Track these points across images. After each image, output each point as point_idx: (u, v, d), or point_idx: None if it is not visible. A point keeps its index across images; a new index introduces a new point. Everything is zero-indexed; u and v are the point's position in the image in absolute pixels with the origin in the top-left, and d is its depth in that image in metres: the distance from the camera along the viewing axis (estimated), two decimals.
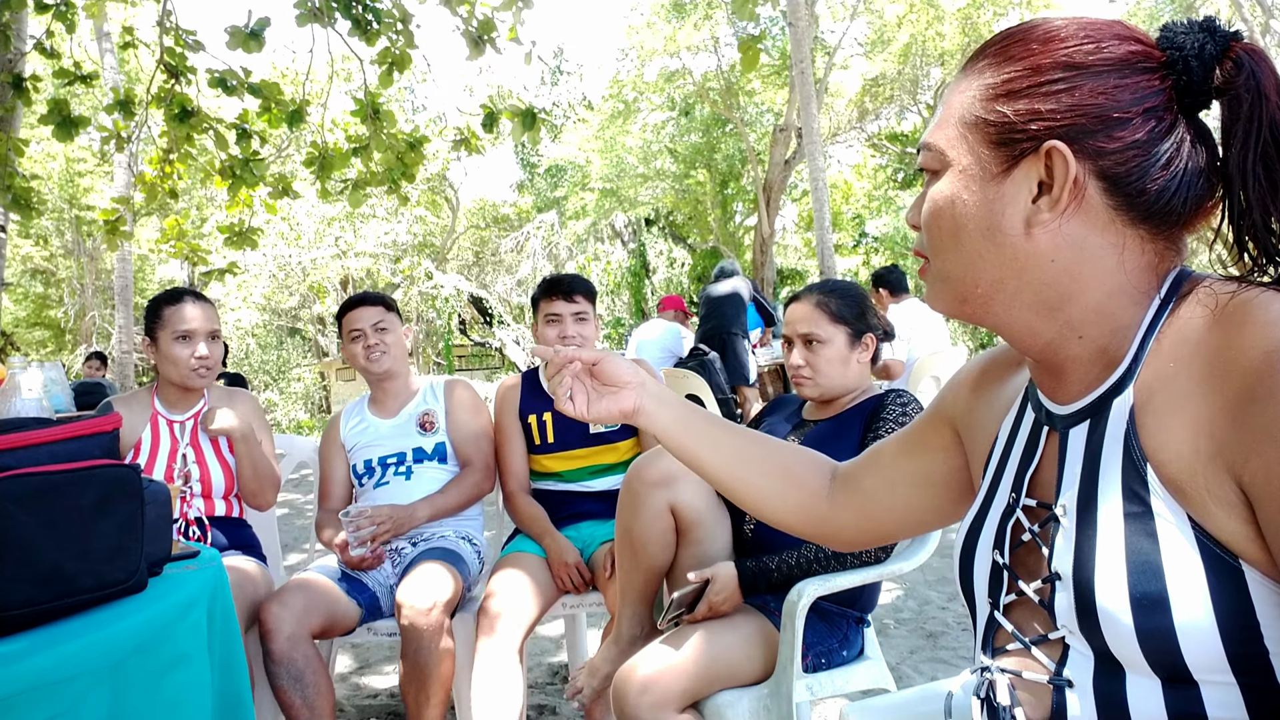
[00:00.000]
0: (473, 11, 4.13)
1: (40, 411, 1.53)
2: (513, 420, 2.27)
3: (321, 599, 1.88)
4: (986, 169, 0.65)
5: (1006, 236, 0.64)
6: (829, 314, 1.70)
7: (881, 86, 18.76)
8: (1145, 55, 0.61)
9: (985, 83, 0.65)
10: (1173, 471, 0.58)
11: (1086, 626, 0.61)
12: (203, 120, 4.20)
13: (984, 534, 0.73)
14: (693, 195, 19.56)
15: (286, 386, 19.49)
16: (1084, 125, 0.61)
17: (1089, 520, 0.62)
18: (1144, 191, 0.61)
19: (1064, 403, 0.68)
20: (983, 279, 0.67)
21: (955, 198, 0.66)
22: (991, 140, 0.64)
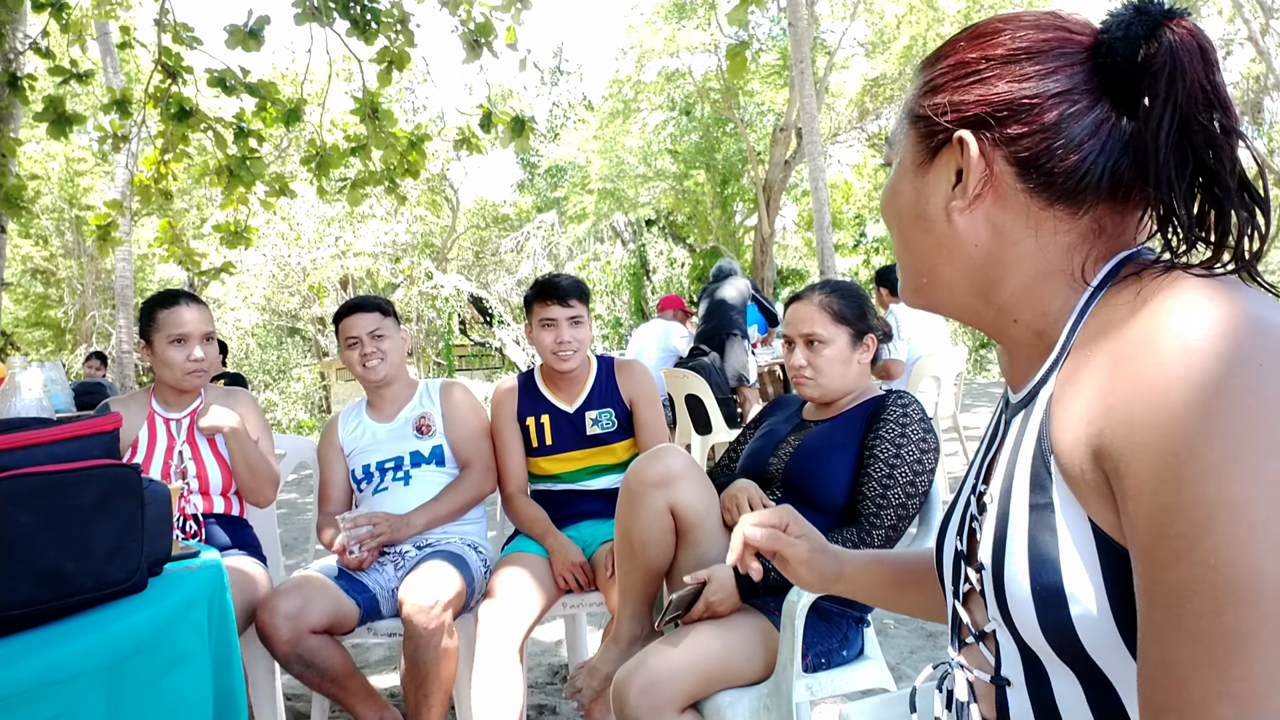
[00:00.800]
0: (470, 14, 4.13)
1: (40, 411, 1.53)
2: (510, 423, 2.28)
3: (319, 597, 1.89)
4: (915, 160, 0.68)
5: (932, 223, 0.67)
6: (831, 314, 1.70)
7: (881, 87, 18.76)
8: (1064, 41, 0.62)
9: (922, 79, 0.69)
10: (1064, 462, 0.58)
11: (1005, 617, 0.62)
12: (201, 120, 4.19)
13: (953, 520, 0.74)
14: (693, 195, 19.56)
15: (286, 386, 19.49)
16: (991, 113, 0.62)
17: (1005, 510, 0.63)
18: (1054, 173, 0.61)
19: (1015, 391, 0.69)
20: (922, 265, 0.70)
21: (895, 189, 0.71)
22: (920, 133, 0.68)
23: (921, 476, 1.56)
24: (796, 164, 15.09)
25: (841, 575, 0.97)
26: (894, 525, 1.54)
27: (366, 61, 4.29)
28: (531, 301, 2.24)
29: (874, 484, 1.55)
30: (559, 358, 2.18)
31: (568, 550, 2.05)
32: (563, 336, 2.17)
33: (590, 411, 2.24)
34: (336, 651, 1.89)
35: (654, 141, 18.32)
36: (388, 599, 2.08)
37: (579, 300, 2.20)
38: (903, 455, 1.55)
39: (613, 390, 2.27)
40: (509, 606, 1.89)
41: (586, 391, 2.27)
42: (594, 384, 2.28)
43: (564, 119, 23.92)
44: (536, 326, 2.21)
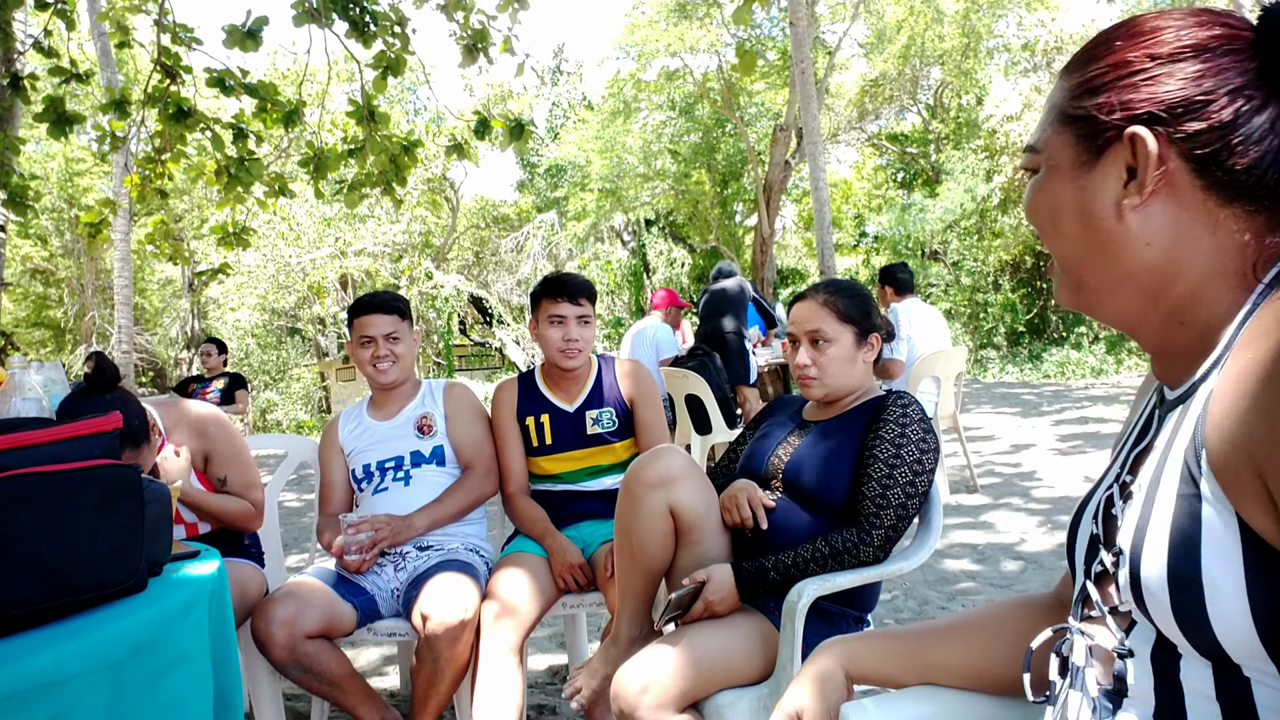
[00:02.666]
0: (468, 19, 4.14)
1: (40, 411, 1.53)
2: (510, 423, 2.28)
3: (314, 602, 1.88)
4: (1076, 161, 0.68)
5: (1100, 221, 0.67)
6: (836, 313, 1.69)
7: (881, 87, 18.76)
8: (1230, 37, 0.62)
9: (1073, 83, 0.69)
10: (1218, 460, 0.58)
11: (1138, 600, 0.62)
12: (199, 120, 4.20)
13: (1090, 505, 0.75)
14: (693, 195, 19.56)
15: (286, 386, 19.48)
16: (1165, 110, 0.62)
17: (1151, 498, 0.63)
18: (1233, 169, 0.61)
19: (1174, 388, 0.69)
20: (1087, 265, 0.69)
21: (1049, 189, 0.71)
22: (1079, 134, 0.68)
23: (921, 477, 1.56)
24: (796, 164, 15.09)
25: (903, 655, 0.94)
26: (893, 525, 1.54)
27: (364, 64, 4.29)
28: (540, 297, 2.23)
29: (874, 484, 1.55)
30: (565, 355, 2.19)
31: (566, 551, 2.05)
32: (571, 334, 2.18)
33: (590, 411, 2.24)
34: (334, 655, 1.88)
35: (654, 141, 18.32)
36: (387, 600, 2.07)
37: (588, 300, 2.21)
38: (903, 455, 1.55)
39: (613, 390, 2.27)
40: (509, 607, 1.88)
41: (587, 391, 2.27)
42: (594, 383, 2.28)
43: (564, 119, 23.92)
44: (544, 322, 2.21)
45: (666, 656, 1.45)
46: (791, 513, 1.63)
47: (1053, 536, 3.76)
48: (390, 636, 2.02)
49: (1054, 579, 3.19)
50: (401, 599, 2.06)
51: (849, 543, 1.53)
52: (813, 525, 1.61)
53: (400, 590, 2.07)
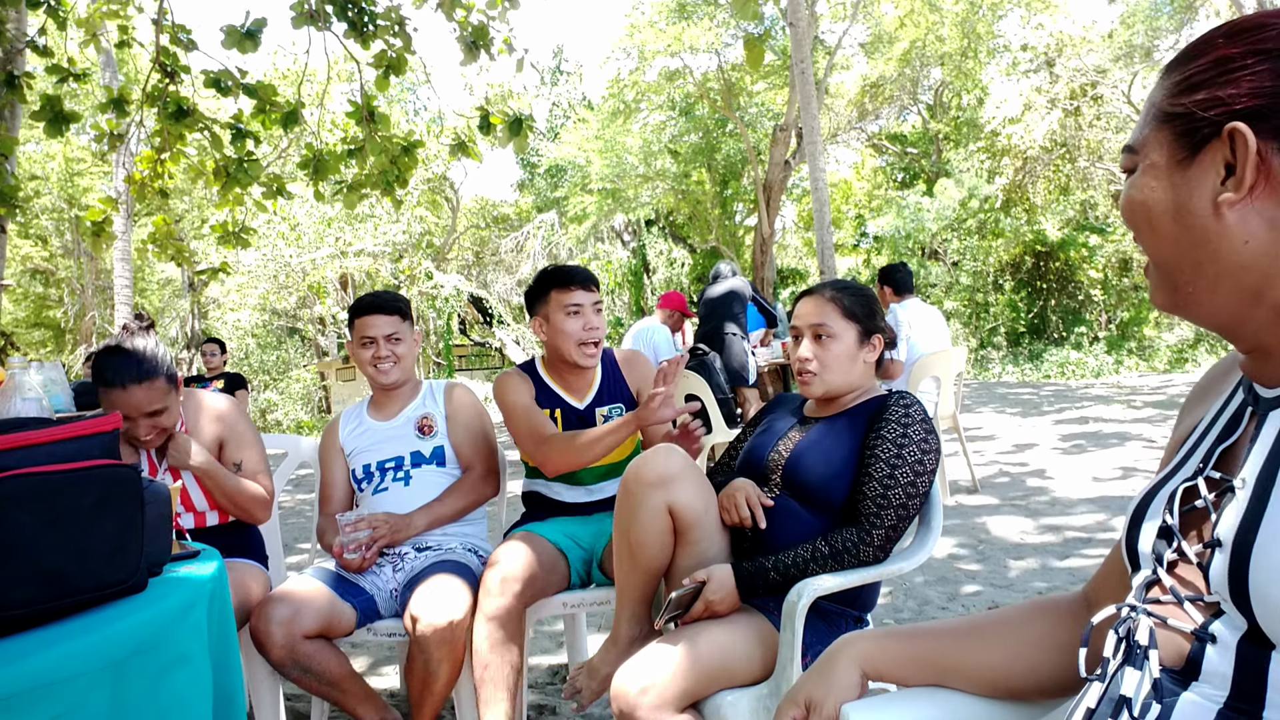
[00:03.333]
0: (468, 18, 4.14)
1: (40, 411, 1.52)
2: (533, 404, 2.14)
3: (312, 603, 1.88)
4: (1173, 158, 0.67)
5: (1196, 218, 0.66)
6: (841, 309, 1.69)
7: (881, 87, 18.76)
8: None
9: (1173, 80, 0.68)
10: None
11: (1237, 594, 0.62)
12: (198, 120, 4.19)
13: (1160, 496, 0.74)
14: (693, 195, 19.56)
15: (286, 387, 19.48)
16: (1266, 106, 0.62)
17: (1264, 496, 0.62)
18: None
19: (1271, 386, 0.68)
20: (1184, 264, 0.68)
21: (1145, 187, 0.70)
22: (1177, 131, 0.67)
23: (922, 477, 1.56)
24: (796, 164, 15.09)
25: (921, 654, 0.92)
26: (894, 525, 1.54)
27: (364, 65, 4.30)
28: (548, 288, 2.11)
29: (875, 484, 1.55)
30: (586, 349, 2.09)
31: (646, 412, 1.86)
32: (592, 323, 2.08)
33: (601, 408, 2.19)
34: (333, 655, 1.88)
35: (654, 141, 18.32)
36: (386, 600, 2.07)
37: (598, 287, 2.13)
38: (904, 455, 1.55)
39: (620, 384, 2.23)
40: (511, 573, 1.87)
41: (596, 387, 2.21)
42: (602, 379, 2.23)
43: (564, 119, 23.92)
44: (558, 314, 2.09)
45: (666, 656, 1.45)
46: (791, 511, 1.63)
47: (1053, 536, 3.76)
48: (390, 637, 2.02)
49: (1054, 579, 3.20)
50: (399, 599, 2.06)
51: (849, 542, 1.53)
52: (812, 524, 1.61)
53: (398, 590, 2.07)
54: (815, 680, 0.94)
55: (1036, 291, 16.58)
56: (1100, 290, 16.44)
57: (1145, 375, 12.39)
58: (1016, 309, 16.21)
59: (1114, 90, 15.56)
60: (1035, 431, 7.01)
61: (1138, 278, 15.76)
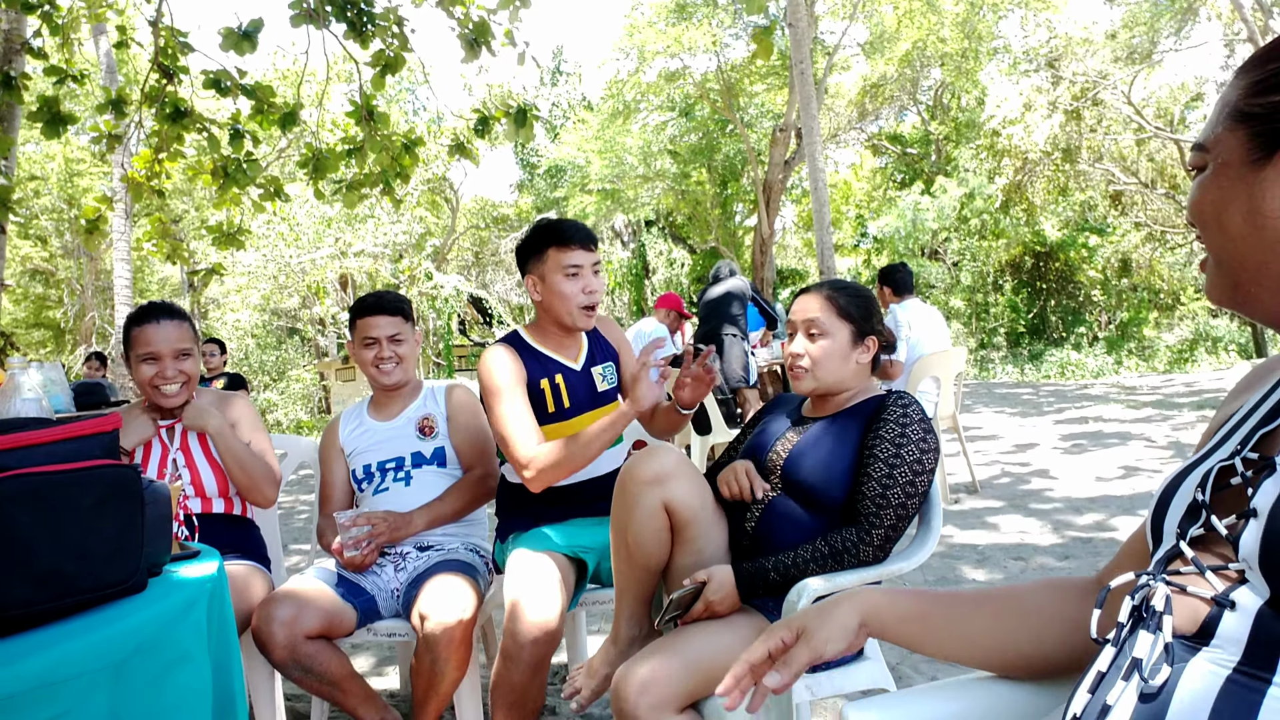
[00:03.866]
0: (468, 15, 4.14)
1: (40, 411, 1.53)
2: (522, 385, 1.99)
3: (314, 603, 1.88)
4: (1246, 158, 0.68)
5: (1267, 219, 0.66)
6: (836, 308, 1.70)
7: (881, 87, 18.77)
8: None
9: (1249, 80, 0.68)
10: None
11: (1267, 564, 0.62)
12: (196, 120, 4.19)
13: (1193, 475, 0.74)
14: (693, 196, 19.57)
15: (286, 387, 19.48)
16: None
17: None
18: None
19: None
20: (1248, 262, 0.69)
21: (1216, 185, 0.70)
22: (1253, 131, 0.67)
23: (921, 477, 1.56)
24: (796, 164, 15.09)
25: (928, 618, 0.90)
26: (893, 525, 1.54)
27: (363, 65, 4.30)
28: (545, 246, 1.98)
29: (874, 484, 1.55)
30: (586, 312, 1.98)
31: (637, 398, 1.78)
32: (591, 285, 1.98)
33: (595, 367, 2.13)
34: (334, 656, 1.88)
35: (654, 142, 18.33)
36: (388, 600, 2.07)
37: (597, 247, 2.01)
38: (903, 455, 1.55)
39: (605, 343, 2.20)
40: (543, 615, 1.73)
41: (586, 348, 2.14)
42: (589, 339, 2.17)
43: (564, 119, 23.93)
44: (554, 275, 1.97)
45: (666, 656, 1.45)
46: (790, 511, 1.63)
47: (1054, 537, 3.76)
48: (390, 637, 2.02)
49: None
50: (401, 599, 2.06)
51: (849, 542, 1.53)
52: (811, 524, 1.61)
53: (400, 590, 2.07)
54: (814, 614, 0.92)
55: (1036, 292, 16.59)
56: (1100, 291, 16.45)
57: (1145, 375, 12.39)
58: (1017, 309, 16.22)
59: (1114, 92, 15.57)
60: (1035, 432, 7.01)
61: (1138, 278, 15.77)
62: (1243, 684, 0.61)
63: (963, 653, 0.89)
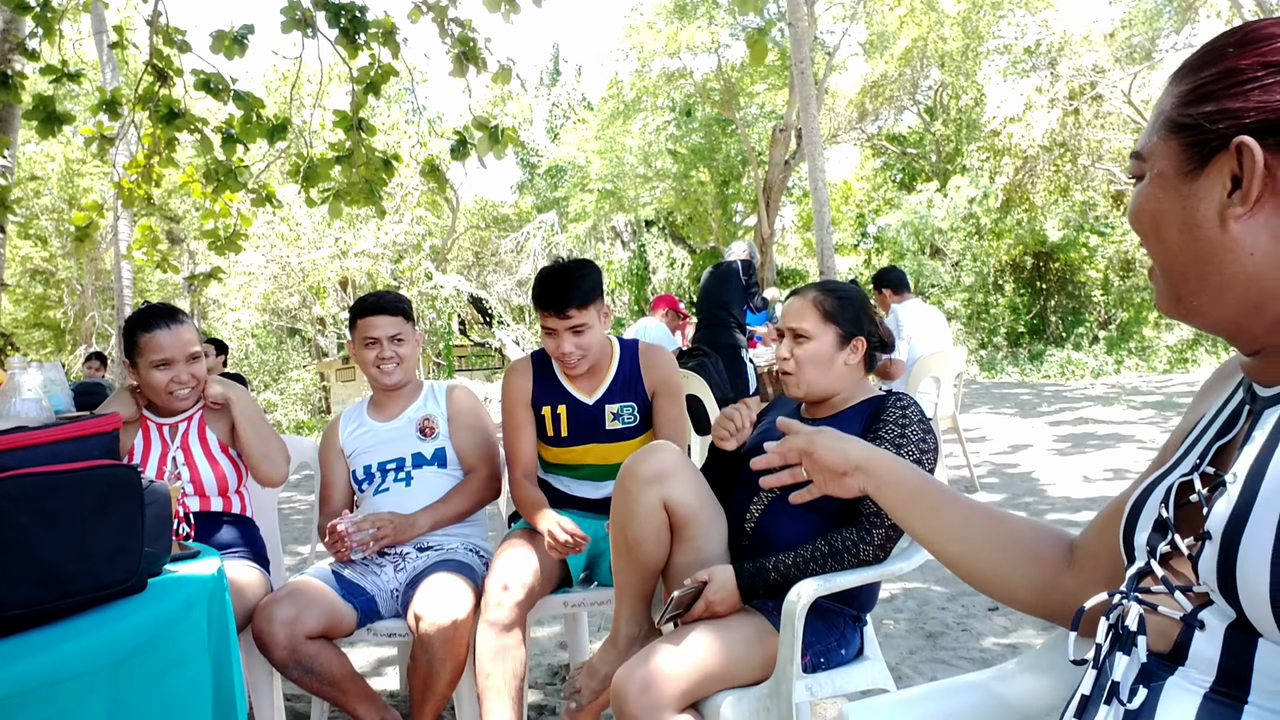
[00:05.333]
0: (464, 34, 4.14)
1: (40, 411, 1.53)
2: (523, 408, 2.16)
3: (315, 603, 1.88)
4: (1181, 169, 0.67)
5: (1202, 230, 0.66)
6: (821, 312, 1.70)
7: (881, 88, 18.77)
8: None
9: (1182, 89, 0.68)
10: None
11: (1224, 586, 0.62)
12: (189, 121, 4.18)
13: (1158, 491, 0.75)
14: (693, 196, 19.57)
15: (286, 387, 19.47)
16: (1274, 119, 0.61)
17: (1254, 489, 0.63)
18: None
19: (1268, 385, 0.69)
20: (1189, 274, 0.69)
21: (1153, 196, 0.70)
22: (1186, 142, 0.67)
23: None
24: (796, 164, 15.09)
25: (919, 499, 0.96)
26: (893, 525, 1.54)
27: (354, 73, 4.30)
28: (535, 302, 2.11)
29: None
30: (566, 364, 2.09)
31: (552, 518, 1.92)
32: (563, 348, 2.04)
33: (611, 405, 2.13)
34: (334, 656, 1.88)
35: (654, 142, 18.33)
36: (387, 600, 2.07)
37: (580, 309, 2.01)
38: (902, 455, 1.55)
39: (636, 380, 2.15)
40: (509, 582, 1.88)
41: (608, 382, 2.15)
42: (616, 373, 2.16)
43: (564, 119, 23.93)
44: (542, 329, 2.10)
45: (666, 657, 1.45)
46: (790, 511, 1.63)
47: None
48: (390, 637, 2.02)
49: None
50: (400, 599, 2.06)
51: (849, 541, 1.53)
52: (811, 524, 1.61)
53: (399, 590, 2.07)
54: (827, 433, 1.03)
55: (1037, 292, 16.59)
56: (1100, 291, 16.44)
57: (1145, 375, 12.39)
58: (1017, 310, 16.22)
59: (1114, 90, 15.56)
60: (1034, 432, 7.01)
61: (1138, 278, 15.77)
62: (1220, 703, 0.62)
63: (934, 539, 0.94)
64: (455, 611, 1.80)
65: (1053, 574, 0.89)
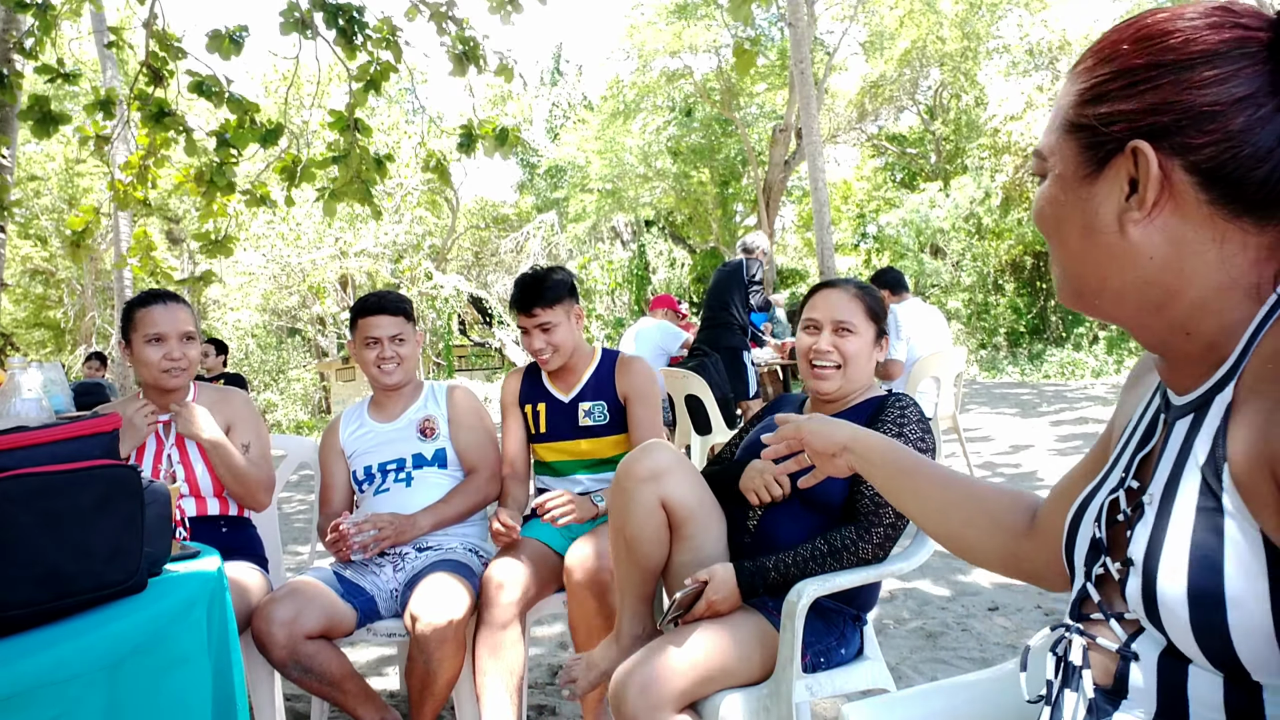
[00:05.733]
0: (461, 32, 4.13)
1: (40, 411, 1.52)
2: (512, 408, 2.33)
3: (314, 603, 1.88)
4: (1079, 171, 0.66)
5: (1102, 235, 0.65)
6: (864, 307, 1.71)
7: (881, 88, 18.78)
8: (1242, 40, 0.59)
9: (1079, 88, 0.66)
10: (1238, 471, 0.57)
11: (1150, 614, 0.62)
12: (178, 122, 4.16)
13: (1092, 506, 0.74)
14: (693, 196, 19.57)
15: (286, 387, 19.47)
16: (1168, 122, 0.60)
17: (1166, 511, 0.62)
18: (1242, 183, 0.58)
19: (1180, 394, 0.68)
20: (1089, 275, 0.68)
21: (1054, 199, 0.69)
22: (1083, 143, 0.65)
23: None
24: (796, 164, 15.09)
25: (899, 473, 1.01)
26: (893, 524, 1.55)
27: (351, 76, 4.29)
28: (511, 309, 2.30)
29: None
30: (540, 360, 2.25)
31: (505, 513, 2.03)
32: (535, 345, 2.21)
33: (584, 403, 2.26)
34: (333, 656, 1.88)
35: (654, 142, 18.33)
36: (387, 600, 2.07)
37: (546, 308, 2.18)
38: None
39: (609, 385, 2.27)
40: (508, 581, 1.92)
41: (583, 383, 2.28)
42: (591, 376, 2.28)
43: (564, 119, 23.93)
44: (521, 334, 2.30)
45: (666, 656, 1.45)
46: (791, 510, 1.64)
47: None
48: (390, 637, 2.02)
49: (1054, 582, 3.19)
50: (400, 599, 2.06)
51: (848, 541, 1.53)
52: (812, 523, 1.61)
53: (399, 590, 2.07)
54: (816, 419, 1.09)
55: (1037, 292, 16.58)
56: None
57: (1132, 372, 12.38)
58: (1018, 309, 16.22)
59: None
60: (1034, 432, 7.01)
61: None
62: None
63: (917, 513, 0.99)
64: (451, 612, 1.81)
65: (1014, 541, 0.92)
